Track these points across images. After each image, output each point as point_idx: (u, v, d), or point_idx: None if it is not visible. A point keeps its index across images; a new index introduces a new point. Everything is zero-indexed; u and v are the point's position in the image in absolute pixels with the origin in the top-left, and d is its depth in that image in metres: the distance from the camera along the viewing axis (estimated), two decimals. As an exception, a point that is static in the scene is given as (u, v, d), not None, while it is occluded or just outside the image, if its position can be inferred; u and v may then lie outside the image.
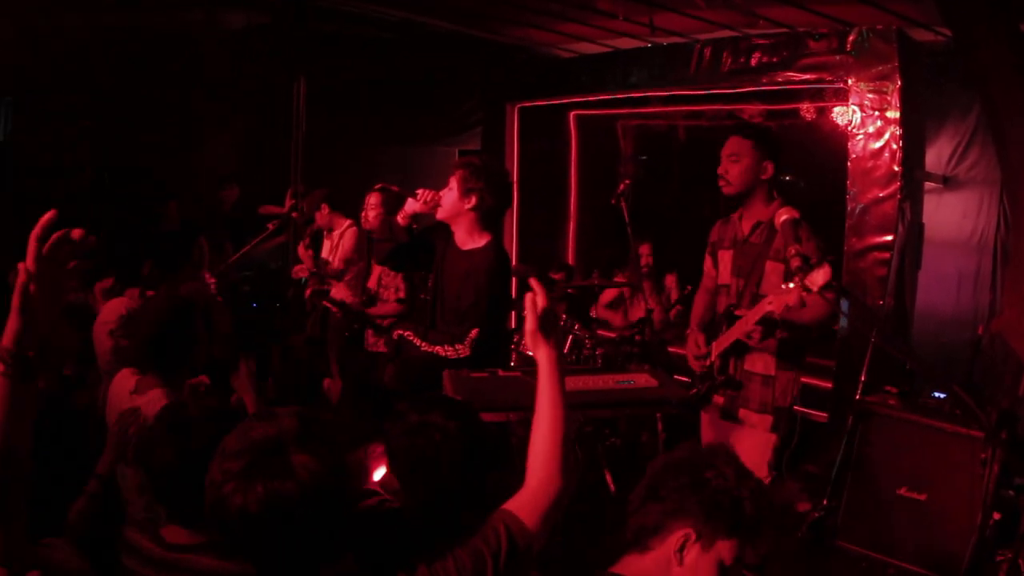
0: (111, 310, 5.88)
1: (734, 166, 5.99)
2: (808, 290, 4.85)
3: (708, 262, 6.54)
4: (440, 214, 6.33)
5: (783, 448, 6.23)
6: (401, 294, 8.93)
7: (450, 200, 6.26)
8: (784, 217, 5.37)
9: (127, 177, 11.34)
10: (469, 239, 6.34)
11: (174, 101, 11.36)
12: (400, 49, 12.00)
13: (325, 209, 10.06)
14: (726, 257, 6.28)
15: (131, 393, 4.64)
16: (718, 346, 6.07)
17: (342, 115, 12.11)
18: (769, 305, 5.42)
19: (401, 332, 6.42)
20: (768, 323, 5.61)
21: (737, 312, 5.91)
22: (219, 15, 10.39)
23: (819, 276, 4.79)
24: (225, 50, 10.88)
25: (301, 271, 9.94)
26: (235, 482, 2.55)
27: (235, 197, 12.33)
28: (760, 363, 5.97)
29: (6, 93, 11.36)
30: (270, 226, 8.83)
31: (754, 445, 5.98)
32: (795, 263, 4.92)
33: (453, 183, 6.26)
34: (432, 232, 6.57)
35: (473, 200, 6.19)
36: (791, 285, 5.05)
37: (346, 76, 11.82)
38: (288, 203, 8.85)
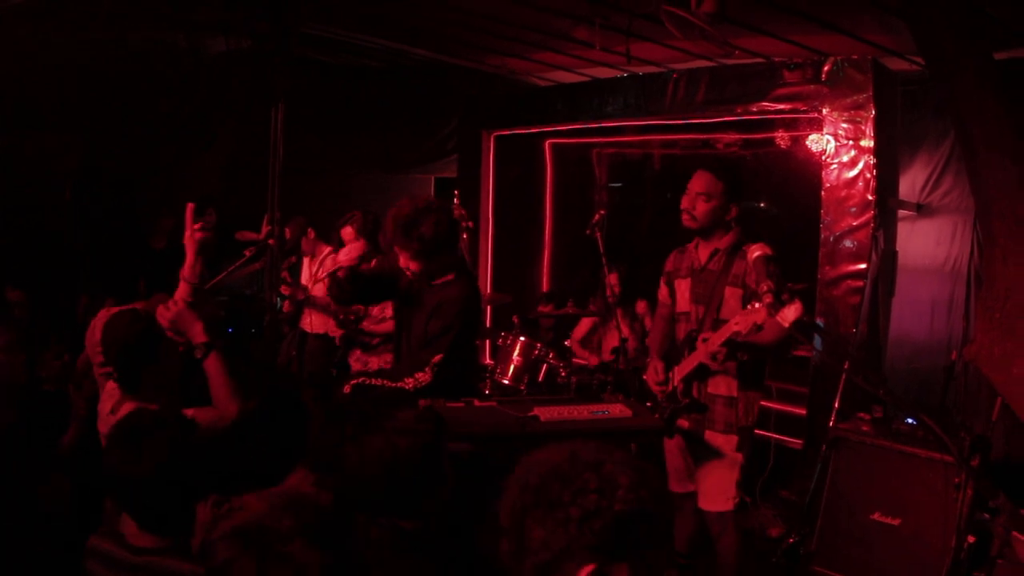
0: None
1: (703, 204, 6.00)
2: (781, 326, 4.93)
3: (664, 291, 6.58)
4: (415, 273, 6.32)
5: (753, 471, 6.27)
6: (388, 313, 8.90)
7: (415, 267, 6.22)
8: (757, 254, 5.41)
9: (115, 190, 11.36)
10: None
11: (163, 125, 11.36)
12: (378, 76, 12.05)
13: (312, 234, 10.09)
14: (683, 286, 6.34)
15: (109, 413, 4.66)
16: (681, 370, 6.13)
17: (320, 140, 12.15)
18: (736, 325, 5.49)
19: (355, 383, 6.40)
20: (732, 344, 5.67)
21: (702, 336, 5.95)
22: (201, 39, 10.41)
23: (790, 312, 4.85)
24: (206, 74, 10.90)
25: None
26: None
27: (213, 222, 12.35)
28: (723, 385, 6.04)
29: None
30: (247, 252, 8.81)
31: (721, 467, 6.05)
32: (767, 299, 4.99)
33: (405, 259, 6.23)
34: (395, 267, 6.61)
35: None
36: (757, 305, 5.13)
37: (324, 102, 11.85)
38: (265, 229, 8.84)
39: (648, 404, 6.34)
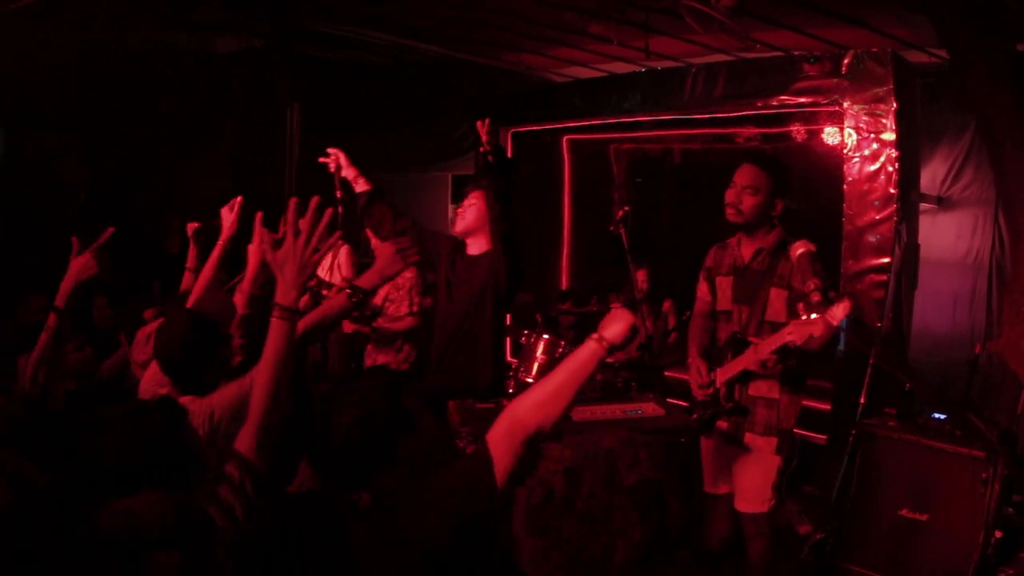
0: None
1: (750, 198, 5.87)
2: (830, 325, 4.90)
3: (704, 288, 6.47)
4: (462, 227, 6.81)
5: (785, 471, 6.20)
6: (415, 308, 8.89)
7: (475, 215, 6.74)
8: (801, 251, 5.37)
9: (124, 193, 11.35)
10: (479, 246, 6.83)
11: (166, 124, 11.34)
12: (393, 74, 12.03)
13: None
14: (725, 284, 6.23)
15: None
16: (724, 373, 5.99)
17: (334, 139, 12.11)
18: (789, 335, 5.39)
19: None
20: (784, 352, 5.61)
21: (751, 340, 5.88)
22: (210, 38, 10.40)
23: (839, 311, 4.82)
24: (218, 73, 10.89)
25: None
26: None
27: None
28: (764, 387, 5.92)
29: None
30: (262, 252, 8.81)
31: (759, 469, 5.98)
32: (815, 298, 4.95)
33: (477, 200, 6.73)
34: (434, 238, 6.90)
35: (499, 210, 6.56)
36: (814, 316, 5.07)
37: (338, 101, 11.83)
38: (281, 229, 8.81)
39: (686, 404, 6.32)
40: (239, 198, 6.31)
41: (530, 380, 8.00)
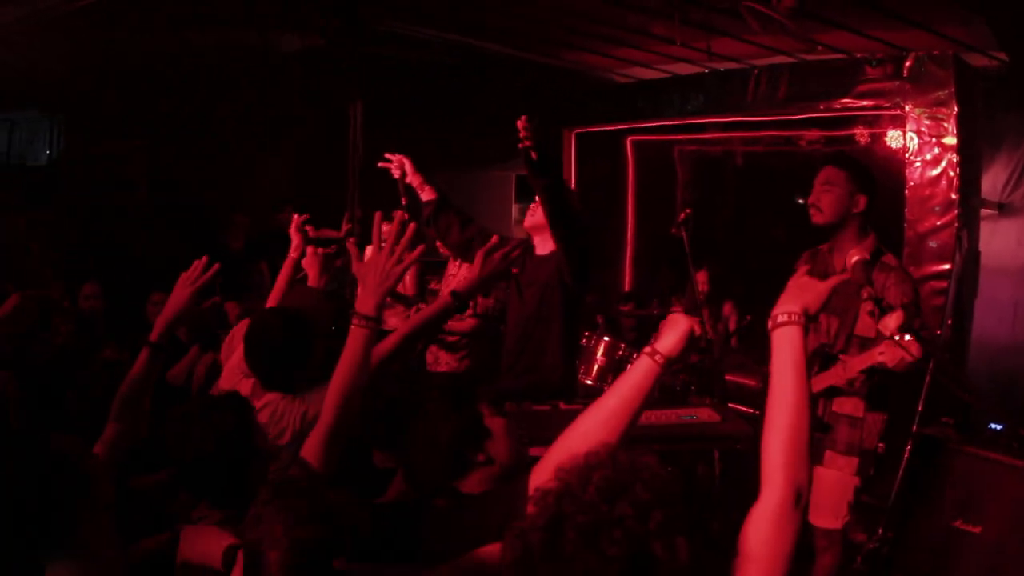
0: None
1: (826, 194, 5.88)
2: (893, 340, 4.86)
3: None
4: (530, 223, 7.01)
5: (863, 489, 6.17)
6: (478, 309, 8.85)
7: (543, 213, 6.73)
8: (856, 258, 5.32)
9: (185, 193, 11.44)
10: (547, 245, 6.96)
11: (228, 123, 11.39)
12: (456, 73, 12.03)
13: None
14: None
15: (248, 397, 4.64)
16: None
17: (397, 138, 12.14)
18: (880, 356, 5.38)
19: None
20: (872, 371, 5.57)
21: (841, 356, 5.83)
22: (274, 37, 10.44)
23: (892, 320, 4.78)
24: (280, 73, 10.92)
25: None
26: None
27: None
28: (849, 405, 5.93)
29: (57, 110, 11.45)
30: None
31: (835, 488, 5.99)
32: (868, 307, 4.91)
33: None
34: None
35: None
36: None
37: (401, 99, 11.84)
38: (345, 227, 8.85)
39: (755, 412, 6.27)
40: (305, 216, 6.31)
41: (589, 382, 7.99)
